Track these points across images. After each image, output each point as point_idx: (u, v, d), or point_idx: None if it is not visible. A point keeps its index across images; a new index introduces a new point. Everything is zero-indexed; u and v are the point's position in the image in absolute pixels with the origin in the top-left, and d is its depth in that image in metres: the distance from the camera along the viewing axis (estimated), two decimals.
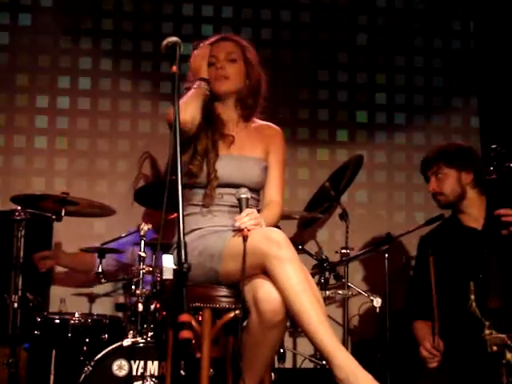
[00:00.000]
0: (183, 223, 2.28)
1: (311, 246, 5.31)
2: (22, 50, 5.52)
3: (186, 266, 2.12)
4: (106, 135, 5.50)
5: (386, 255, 4.49)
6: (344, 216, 4.91)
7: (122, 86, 5.58)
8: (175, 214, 2.38)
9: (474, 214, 3.97)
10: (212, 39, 3.36)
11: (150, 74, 5.60)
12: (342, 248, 4.73)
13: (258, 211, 3.17)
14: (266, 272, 2.87)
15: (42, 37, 5.54)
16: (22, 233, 4.29)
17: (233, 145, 3.27)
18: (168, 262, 2.13)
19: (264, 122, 3.45)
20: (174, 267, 2.13)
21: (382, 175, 5.70)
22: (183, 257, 2.13)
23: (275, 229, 3.00)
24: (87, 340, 4.09)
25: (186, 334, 1.99)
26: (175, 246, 2.84)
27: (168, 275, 2.12)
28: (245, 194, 3.05)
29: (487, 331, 3.60)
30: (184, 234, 2.26)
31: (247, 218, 2.95)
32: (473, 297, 3.67)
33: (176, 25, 5.63)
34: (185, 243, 2.19)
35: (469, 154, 4.03)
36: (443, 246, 3.94)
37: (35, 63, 5.51)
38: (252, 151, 3.30)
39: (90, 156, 5.45)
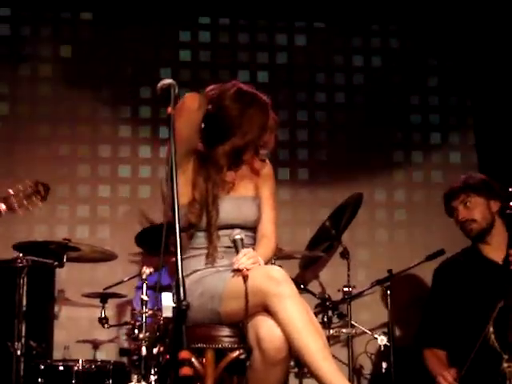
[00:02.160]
0: (181, 261, 2.29)
1: (313, 286, 5.31)
2: (22, 100, 5.58)
3: (184, 303, 2.13)
4: (106, 181, 5.53)
5: (389, 292, 4.48)
6: (345, 254, 4.91)
7: (121, 132, 5.63)
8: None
9: (498, 245, 3.97)
10: (267, 101, 3.25)
11: (149, 120, 5.65)
12: (344, 286, 4.73)
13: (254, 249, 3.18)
14: (267, 310, 2.88)
15: (42, 86, 5.61)
16: (25, 280, 4.29)
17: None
18: (167, 300, 2.15)
19: None
20: (173, 305, 2.14)
21: (382, 213, 5.72)
22: (182, 294, 2.14)
23: (275, 266, 3.01)
24: None
25: (186, 370, 2.00)
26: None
27: (167, 313, 2.14)
28: (239, 234, 3.05)
29: (506, 364, 3.59)
30: (183, 273, 2.26)
31: (245, 259, 2.96)
32: (492, 329, 3.65)
33: (174, 70, 5.69)
34: (183, 281, 2.20)
35: (493, 183, 4.06)
36: (461, 275, 3.92)
37: (35, 112, 5.57)
38: (245, 190, 3.29)
39: (91, 202, 5.48)
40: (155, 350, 3.87)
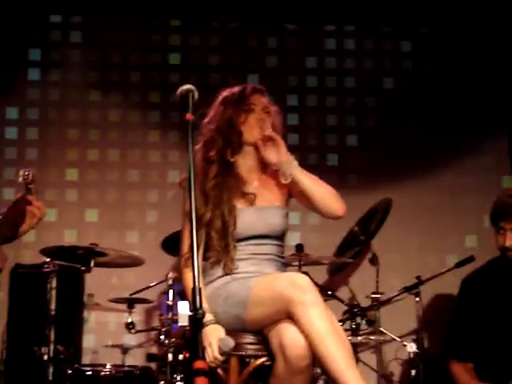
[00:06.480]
0: (198, 268, 2.28)
1: (342, 292, 5.26)
2: (52, 105, 5.62)
3: (200, 311, 2.12)
4: (135, 186, 5.56)
5: (418, 299, 4.43)
6: (374, 260, 4.87)
7: (150, 137, 5.64)
8: None
9: None
10: (246, 89, 3.26)
11: (178, 125, 5.64)
12: (373, 293, 4.68)
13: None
14: (291, 317, 2.85)
15: (72, 91, 5.65)
16: (53, 284, 4.30)
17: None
18: (183, 308, 2.12)
19: None
20: (189, 313, 2.12)
21: (412, 218, 5.65)
22: (198, 303, 2.12)
23: (300, 274, 2.98)
24: None
25: (201, 381, 1.97)
26: None
27: (183, 322, 2.11)
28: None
29: None
30: (199, 280, 2.25)
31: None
32: None
33: (202, 74, 5.69)
34: (199, 289, 2.18)
35: None
36: (490, 287, 3.85)
37: (65, 118, 5.61)
38: (272, 199, 3.25)
39: (119, 207, 5.50)
40: (181, 357, 3.86)
